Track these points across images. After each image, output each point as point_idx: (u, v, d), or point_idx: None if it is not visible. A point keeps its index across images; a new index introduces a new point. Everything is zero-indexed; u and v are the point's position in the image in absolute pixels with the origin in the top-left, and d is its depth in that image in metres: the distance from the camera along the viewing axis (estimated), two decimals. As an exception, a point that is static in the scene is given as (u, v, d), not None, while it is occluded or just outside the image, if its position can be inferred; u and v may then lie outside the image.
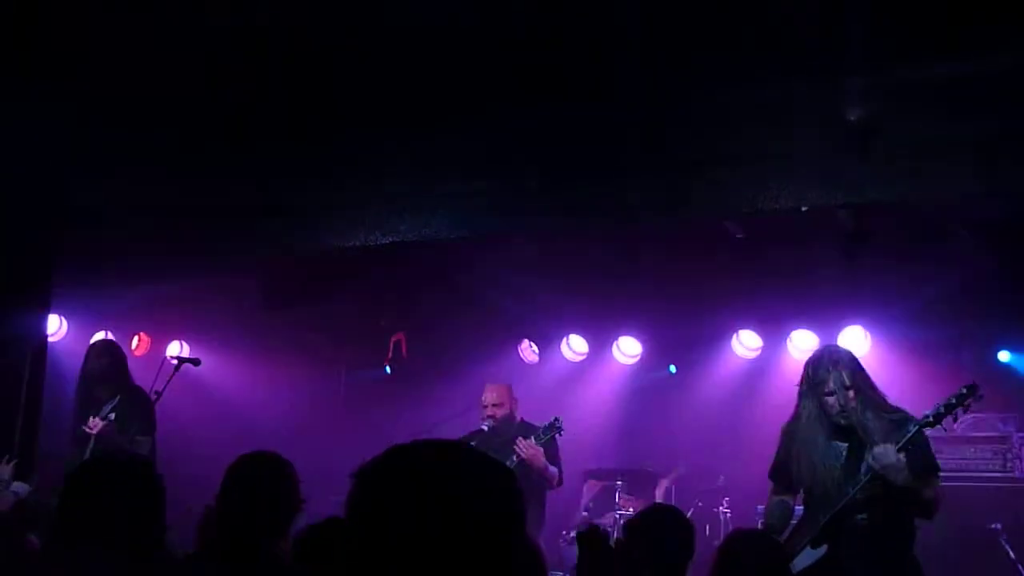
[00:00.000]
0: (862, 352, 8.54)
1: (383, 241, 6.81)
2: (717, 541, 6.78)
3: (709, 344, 9.25)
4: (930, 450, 4.92)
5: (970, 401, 4.74)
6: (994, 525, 7.43)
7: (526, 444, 6.70)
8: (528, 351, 9.86)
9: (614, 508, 8.08)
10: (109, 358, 7.06)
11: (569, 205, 6.50)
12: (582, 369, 9.81)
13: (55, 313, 8.59)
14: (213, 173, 6.66)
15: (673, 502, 8.07)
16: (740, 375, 9.20)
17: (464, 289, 8.82)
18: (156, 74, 5.61)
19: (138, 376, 7.17)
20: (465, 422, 7.47)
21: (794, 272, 8.00)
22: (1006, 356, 8.17)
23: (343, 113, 5.97)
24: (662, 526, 4.06)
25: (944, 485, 5.10)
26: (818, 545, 4.88)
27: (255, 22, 5.15)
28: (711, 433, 8.82)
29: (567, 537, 7.92)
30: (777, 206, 5.98)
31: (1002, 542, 7.34)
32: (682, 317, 8.94)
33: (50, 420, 7.09)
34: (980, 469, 7.93)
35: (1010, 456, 7.93)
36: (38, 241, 6.89)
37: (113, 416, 6.86)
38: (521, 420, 7.28)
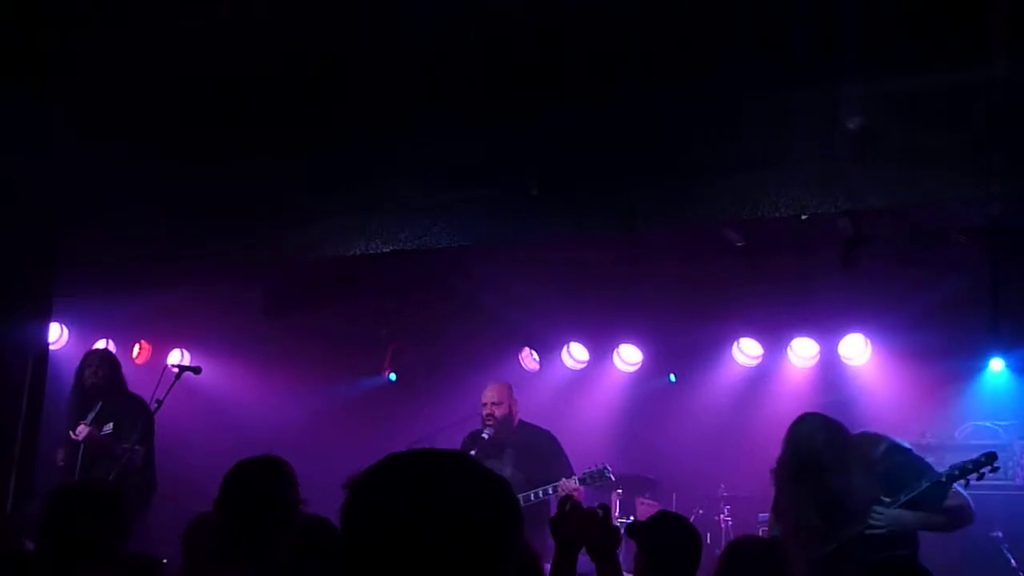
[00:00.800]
0: (863, 360, 8.57)
1: (383, 249, 6.80)
2: (718, 549, 6.76)
3: (710, 352, 9.24)
4: (940, 493, 4.84)
5: (986, 470, 4.69)
6: (995, 533, 7.42)
7: (570, 486, 6.88)
8: (529, 359, 9.85)
9: (615, 516, 8.06)
10: (105, 370, 7.06)
11: (569, 213, 6.50)
12: (583, 377, 9.80)
13: (56, 321, 8.61)
14: (213, 181, 6.68)
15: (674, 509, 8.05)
16: (741, 383, 9.18)
17: (464, 297, 8.82)
18: (157, 81, 5.63)
19: (139, 384, 7.18)
20: (465, 430, 7.49)
21: (794, 280, 7.99)
22: (998, 364, 8.13)
23: (343, 121, 5.98)
24: (669, 533, 4.03)
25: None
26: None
27: (256, 29, 5.17)
28: (712, 441, 8.80)
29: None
30: (777, 214, 5.98)
31: (1003, 550, 7.33)
32: (683, 325, 8.92)
33: (51, 429, 7.09)
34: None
35: (1011, 464, 7.91)
36: (39, 249, 6.90)
37: (110, 425, 6.87)
38: (520, 421, 7.32)
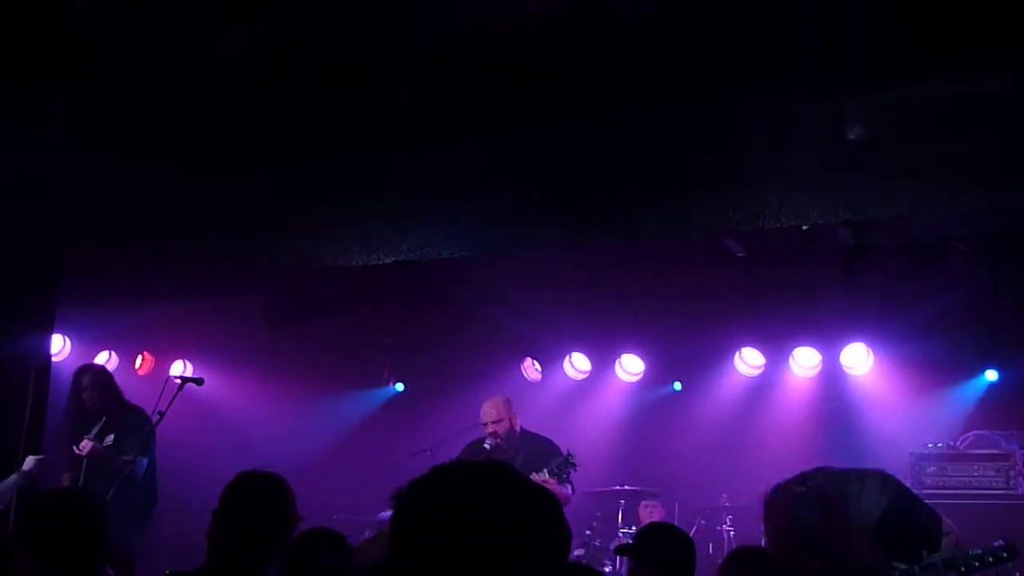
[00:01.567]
0: (864, 369, 8.57)
1: (385, 260, 6.83)
2: (720, 559, 6.75)
3: (711, 362, 9.23)
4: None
5: (1003, 565, 4.62)
6: (997, 543, 7.39)
7: (540, 480, 6.71)
8: (531, 369, 9.86)
9: (618, 526, 8.06)
10: (100, 389, 7.04)
11: (570, 223, 6.52)
12: (585, 387, 9.80)
13: (58, 333, 8.62)
14: (216, 192, 6.70)
15: (675, 521, 8.05)
16: (742, 393, 9.18)
17: (466, 307, 8.84)
18: (161, 93, 5.66)
19: (142, 395, 7.17)
20: (468, 440, 7.47)
21: (796, 289, 8.00)
22: (993, 375, 8.13)
23: (345, 133, 6.01)
24: (659, 546, 4.04)
25: (947, 503, 5.06)
26: None
27: (261, 42, 5.20)
28: (714, 451, 8.79)
29: (573, 555, 7.90)
30: (778, 224, 6.00)
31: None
32: (684, 335, 8.93)
33: (54, 440, 7.09)
34: (983, 487, 7.88)
35: (1013, 473, 7.90)
36: (41, 261, 6.92)
37: (111, 437, 6.86)
38: (522, 430, 7.29)
